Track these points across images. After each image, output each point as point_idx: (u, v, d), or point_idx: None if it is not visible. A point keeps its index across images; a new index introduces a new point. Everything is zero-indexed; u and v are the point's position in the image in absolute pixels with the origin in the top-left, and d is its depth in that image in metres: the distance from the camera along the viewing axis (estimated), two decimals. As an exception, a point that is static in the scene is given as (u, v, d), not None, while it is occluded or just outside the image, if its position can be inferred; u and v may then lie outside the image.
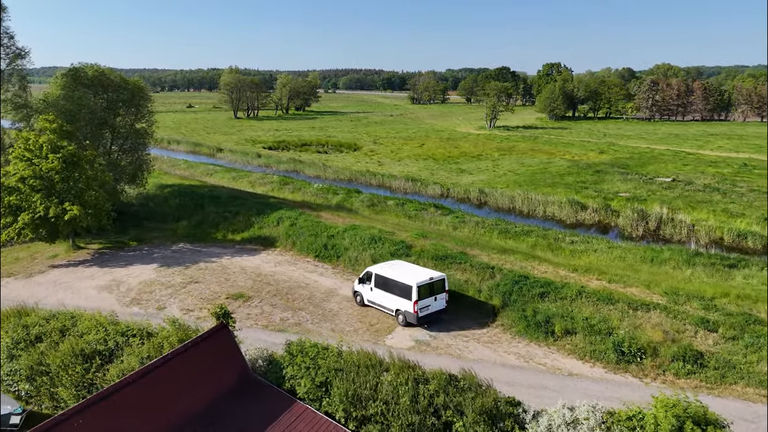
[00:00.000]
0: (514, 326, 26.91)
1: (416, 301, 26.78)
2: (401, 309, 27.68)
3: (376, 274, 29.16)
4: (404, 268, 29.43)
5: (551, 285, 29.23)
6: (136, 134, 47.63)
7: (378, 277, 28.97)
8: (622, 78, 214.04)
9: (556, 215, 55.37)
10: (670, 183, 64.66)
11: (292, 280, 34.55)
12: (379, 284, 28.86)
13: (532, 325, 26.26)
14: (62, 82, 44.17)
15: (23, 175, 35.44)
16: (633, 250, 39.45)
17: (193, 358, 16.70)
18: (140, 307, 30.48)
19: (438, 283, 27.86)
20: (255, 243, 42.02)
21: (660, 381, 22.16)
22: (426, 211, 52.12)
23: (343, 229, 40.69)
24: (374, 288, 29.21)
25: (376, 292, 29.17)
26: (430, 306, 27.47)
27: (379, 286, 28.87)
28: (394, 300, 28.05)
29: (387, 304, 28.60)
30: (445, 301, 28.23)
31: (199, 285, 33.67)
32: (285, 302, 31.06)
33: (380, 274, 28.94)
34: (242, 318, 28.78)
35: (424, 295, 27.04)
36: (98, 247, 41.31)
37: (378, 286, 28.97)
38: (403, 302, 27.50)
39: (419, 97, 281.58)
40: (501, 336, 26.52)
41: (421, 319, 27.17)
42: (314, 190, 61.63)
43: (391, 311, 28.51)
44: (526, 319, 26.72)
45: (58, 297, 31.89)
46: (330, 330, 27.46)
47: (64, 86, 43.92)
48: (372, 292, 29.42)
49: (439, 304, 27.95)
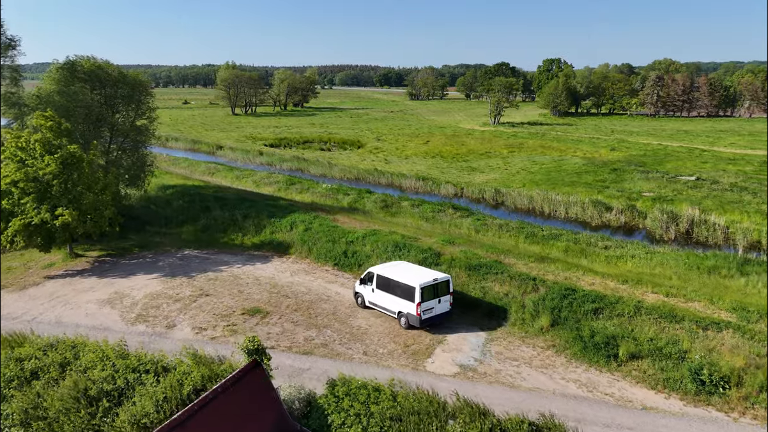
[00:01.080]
0: (568, 347, 24.08)
1: (419, 303, 25.76)
2: (404, 311, 26.63)
3: (378, 275, 28.11)
4: (407, 268, 28.50)
5: (603, 299, 26.40)
6: (137, 132, 44.45)
7: (380, 278, 27.92)
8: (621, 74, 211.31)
9: (580, 217, 52.56)
10: (695, 182, 61.98)
11: (312, 292, 31.60)
12: (381, 285, 27.82)
13: (590, 347, 23.43)
14: (57, 76, 40.88)
15: (13, 178, 32.26)
16: (673, 255, 36.64)
17: (223, 408, 13.78)
18: (147, 325, 27.48)
19: (442, 284, 26.86)
20: (267, 249, 39.04)
21: (750, 416, 19.38)
22: (444, 213, 49.24)
23: (362, 235, 37.75)
24: (376, 289, 28.18)
25: (377, 294, 28.10)
26: (433, 308, 26.42)
27: (381, 288, 27.83)
28: (396, 302, 27.03)
29: (389, 306, 27.55)
30: (449, 304, 27.13)
31: (210, 298, 30.67)
32: (307, 318, 28.11)
33: (382, 274, 27.90)
34: (262, 338, 25.83)
35: (427, 296, 26.04)
36: (98, 255, 38.22)
37: (380, 287, 27.92)
38: (405, 304, 26.48)
39: (418, 93, 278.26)
40: (554, 359, 23.68)
41: (424, 321, 26.09)
42: (323, 191, 58.64)
43: (393, 313, 27.42)
44: (582, 339, 23.90)
45: (55, 313, 28.85)
46: (362, 353, 24.55)
47: (58, 81, 40.66)
48: (374, 294, 28.36)
49: (443, 306, 26.89)
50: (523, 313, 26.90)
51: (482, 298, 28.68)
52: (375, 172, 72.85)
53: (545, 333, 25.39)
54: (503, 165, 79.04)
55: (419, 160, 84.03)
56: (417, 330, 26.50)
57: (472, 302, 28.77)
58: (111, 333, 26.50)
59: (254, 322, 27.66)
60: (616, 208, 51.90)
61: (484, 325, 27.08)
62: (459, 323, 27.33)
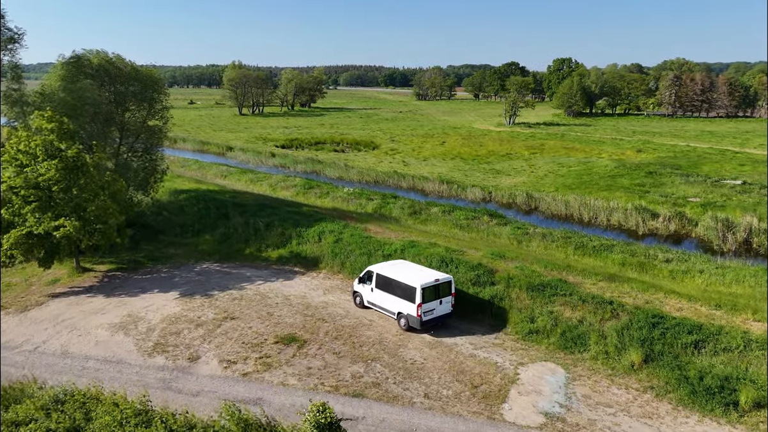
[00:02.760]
0: (671, 390, 20.24)
1: (420, 304, 25.00)
2: (403, 312, 25.88)
3: (377, 274, 27.32)
4: (408, 267, 27.74)
5: (701, 330, 22.56)
6: (149, 133, 40.68)
7: (379, 277, 27.17)
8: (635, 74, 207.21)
9: (623, 224, 48.68)
10: (742, 186, 58.05)
11: (350, 314, 27.82)
12: (381, 285, 27.09)
13: (701, 392, 19.61)
14: (62, 72, 37.12)
15: (12, 184, 28.51)
16: (749, 271, 32.76)
17: None
18: (166, 357, 23.72)
19: (444, 285, 26.09)
20: (293, 263, 35.29)
21: None
22: (479, 221, 45.47)
23: (400, 247, 33.96)
24: (375, 288, 27.45)
25: (377, 293, 27.37)
26: (434, 310, 25.64)
27: (381, 287, 27.10)
28: (396, 302, 26.27)
29: (388, 307, 26.82)
30: (451, 305, 26.39)
31: (236, 322, 26.91)
32: (351, 349, 24.32)
33: (382, 273, 27.12)
34: (302, 374, 22.09)
35: (428, 297, 25.29)
36: (107, 269, 34.50)
37: (379, 287, 27.18)
38: (405, 305, 25.69)
39: (425, 93, 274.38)
40: (656, 405, 19.83)
41: (424, 323, 25.30)
42: (344, 195, 54.88)
43: (393, 314, 26.65)
44: (689, 381, 20.08)
45: (60, 341, 25.11)
46: (423, 395, 20.74)
47: (64, 77, 36.91)
48: (373, 293, 27.63)
49: (445, 308, 26.16)
50: (605, 345, 23.07)
51: (554, 327, 24.84)
52: (395, 174, 69.08)
53: (637, 371, 21.56)
54: (528, 167, 75.31)
55: (438, 162, 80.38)
56: (482, 364, 22.71)
57: (541, 331, 24.96)
58: (125, 367, 22.81)
59: (290, 354, 23.88)
60: (664, 215, 48.05)
61: (558, 358, 23.26)
62: (530, 356, 23.53)
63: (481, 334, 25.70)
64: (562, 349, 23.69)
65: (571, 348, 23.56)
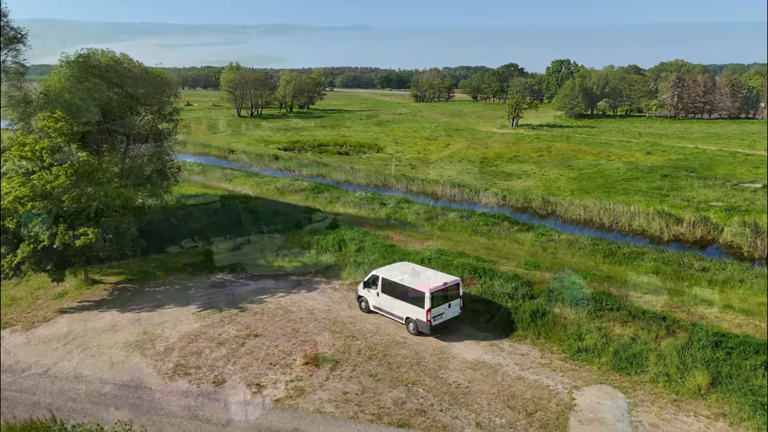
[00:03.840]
0: (747, 418, 18.59)
1: (429, 309, 24.62)
2: (412, 317, 25.46)
3: (383, 279, 26.82)
4: (414, 271, 27.36)
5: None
6: (159, 136, 38.76)
7: (385, 282, 26.70)
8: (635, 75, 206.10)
9: (646, 229, 47.16)
10: (762, 189, 56.71)
11: (381, 331, 26.06)
12: (387, 289, 26.62)
13: (782, 421, 18.01)
14: (68, 71, 35.14)
15: (17, 194, 26.52)
16: (791, 281, 31.30)
17: None
18: (189, 380, 21.89)
19: (452, 288, 25.66)
20: (314, 273, 33.48)
21: None
22: (499, 227, 43.91)
23: (427, 257, 32.25)
24: (381, 293, 26.93)
25: (383, 298, 26.84)
26: (443, 314, 25.34)
27: (387, 292, 26.61)
28: (404, 307, 25.80)
29: (396, 312, 26.32)
30: (459, 308, 26.04)
31: (260, 340, 25.09)
32: (388, 370, 22.57)
33: (388, 278, 26.65)
34: (339, 400, 20.32)
35: (437, 302, 24.91)
36: (117, 281, 32.58)
37: (385, 292, 26.70)
38: (414, 310, 25.26)
39: (423, 95, 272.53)
40: (731, 435, 18.22)
41: (434, 328, 24.95)
42: (356, 200, 53.15)
43: (401, 319, 26.19)
44: (765, 408, 18.44)
45: (72, 363, 23.24)
46: (474, 424, 19.00)
47: (69, 77, 34.93)
48: (379, 298, 27.09)
49: (454, 311, 25.87)
50: (665, 367, 21.41)
51: (605, 345, 23.16)
52: (403, 178, 67.43)
53: (705, 396, 19.92)
54: (538, 170, 73.84)
55: (446, 165, 78.85)
56: (532, 387, 21.02)
57: (591, 349, 23.27)
58: (146, 393, 21.00)
59: (323, 376, 22.11)
60: (688, 220, 46.56)
61: (614, 381, 21.58)
62: (583, 377, 21.84)
63: (524, 353, 24.00)
64: (617, 370, 22.02)
65: (627, 369, 21.89)
